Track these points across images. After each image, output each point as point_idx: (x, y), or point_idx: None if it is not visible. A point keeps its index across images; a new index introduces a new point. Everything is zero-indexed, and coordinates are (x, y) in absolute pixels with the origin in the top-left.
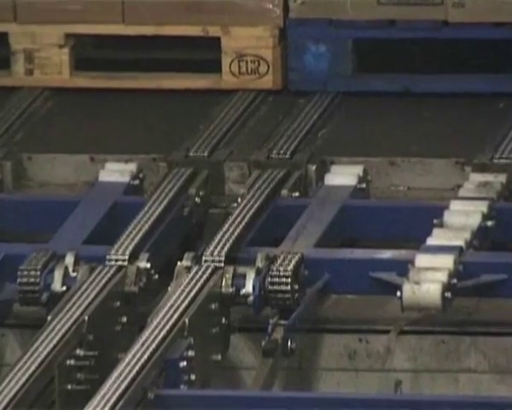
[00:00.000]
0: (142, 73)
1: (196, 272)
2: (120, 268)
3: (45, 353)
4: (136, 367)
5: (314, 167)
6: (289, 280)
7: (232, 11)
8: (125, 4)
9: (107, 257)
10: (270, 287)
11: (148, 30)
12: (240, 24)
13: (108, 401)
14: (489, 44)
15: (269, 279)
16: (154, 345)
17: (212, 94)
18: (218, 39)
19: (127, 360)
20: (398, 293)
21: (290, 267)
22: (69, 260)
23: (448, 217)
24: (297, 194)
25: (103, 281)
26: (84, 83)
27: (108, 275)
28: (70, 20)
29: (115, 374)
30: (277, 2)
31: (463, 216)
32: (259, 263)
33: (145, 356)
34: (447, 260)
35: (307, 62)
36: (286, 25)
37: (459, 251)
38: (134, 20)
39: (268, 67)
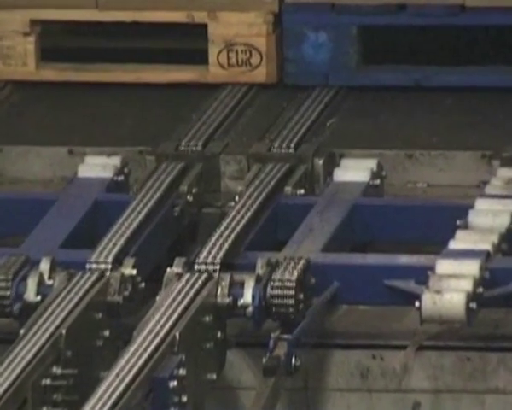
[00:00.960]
0: (119, 64)
1: (188, 280)
2: (102, 275)
3: (17, 371)
4: (121, 387)
5: (321, 161)
6: (293, 289)
7: None
8: None
9: (88, 263)
10: (272, 297)
11: (125, 16)
12: (229, 9)
13: None
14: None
15: (270, 288)
16: (140, 362)
17: (197, 89)
18: (204, 26)
19: (110, 378)
20: (417, 303)
21: (294, 274)
22: (44, 266)
23: (473, 217)
24: (302, 191)
25: (83, 289)
26: (52, 76)
27: (89, 283)
28: (36, 5)
29: (97, 395)
30: None
31: (490, 216)
32: (260, 270)
33: (130, 375)
34: (472, 267)
35: (306, 53)
36: (281, 10)
37: (486, 256)
38: (109, 5)
39: (261, 57)
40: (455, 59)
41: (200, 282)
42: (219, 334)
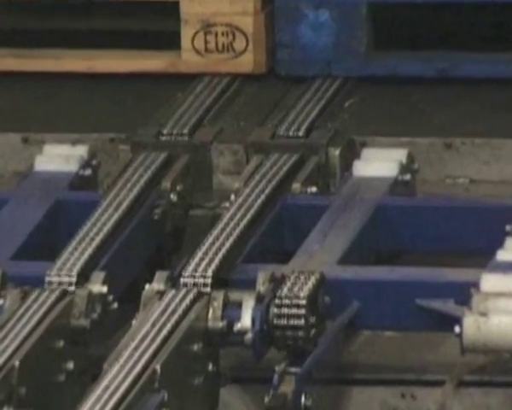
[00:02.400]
0: (68, 50)
1: (172, 299)
2: (65, 293)
3: None
4: None
5: (338, 151)
6: (303, 310)
7: None
8: None
9: (47, 278)
10: (277, 320)
11: None
12: None
13: None
14: None
15: (274, 309)
16: (112, 402)
17: (166, 81)
18: (175, 3)
19: None
20: (457, 328)
21: (305, 292)
22: None
23: None
24: (314, 189)
25: (41, 311)
26: None
27: (48, 303)
28: None
29: None
30: None
31: None
32: (261, 286)
33: None
34: None
35: (303, 36)
36: None
37: None
38: None
39: (247, 42)
40: (488, 44)
41: (186, 301)
42: (211, 366)
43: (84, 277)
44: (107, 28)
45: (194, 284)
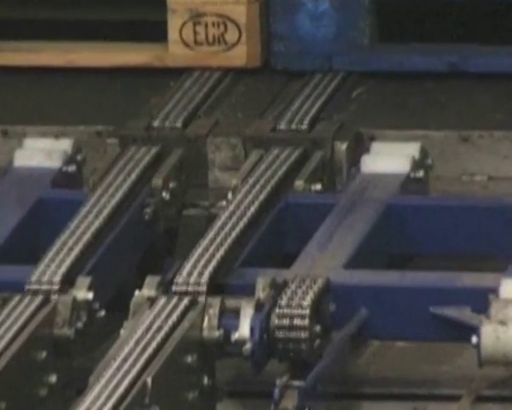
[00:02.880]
0: (46, 42)
1: (164, 307)
2: (47, 300)
3: None
4: None
5: (345, 146)
6: (307, 318)
7: None
8: None
9: (28, 283)
10: (278, 330)
11: None
12: None
13: None
14: None
15: (275, 317)
16: None
17: (151, 75)
18: None
19: None
20: (474, 339)
21: (308, 299)
22: None
23: None
24: (318, 186)
25: (21, 320)
26: None
27: (29, 310)
28: None
29: None
30: None
31: None
32: (261, 293)
33: None
34: None
35: (301, 27)
36: None
37: None
38: None
39: (239, 33)
40: (505, 36)
41: (179, 309)
42: (206, 380)
43: (68, 282)
44: (88, 19)
45: (188, 290)
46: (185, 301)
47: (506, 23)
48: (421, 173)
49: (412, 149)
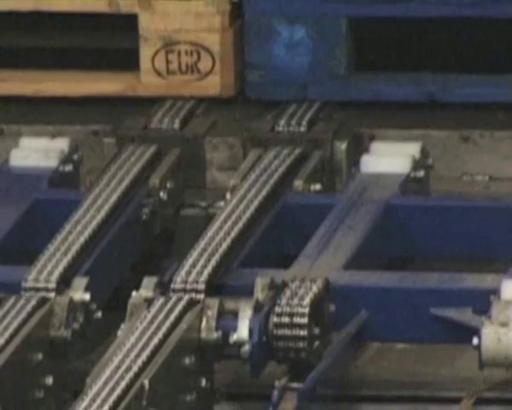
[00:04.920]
0: (12, 71)
1: (161, 308)
2: (44, 301)
3: None
4: None
5: (344, 145)
6: (306, 321)
7: None
8: None
9: (24, 284)
10: (277, 331)
11: (21, 3)
12: None
13: None
14: None
15: (274, 319)
16: None
17: (123, 104)
18: (133, 18)
19: None
20: (475, 340)
21: (307, 301)
22: None
23: None
24: (318, 187)
25: (17, 321)
26: None
27: (25, 312)
28: None
29: None
30: None
31: None
32: (259, 294)
33: None
34: None
35: (276, 55)
36: None
37: None
38: None
39: (213, 61)
40: (484, 65)
41: (177, 310)
42: (204, 382)
43: (64, 283)
44: (58, 46)
45: (186, 291)
46: (183, 302)
47: (485, 53)
48: (421, 173)
49: (412, 149)
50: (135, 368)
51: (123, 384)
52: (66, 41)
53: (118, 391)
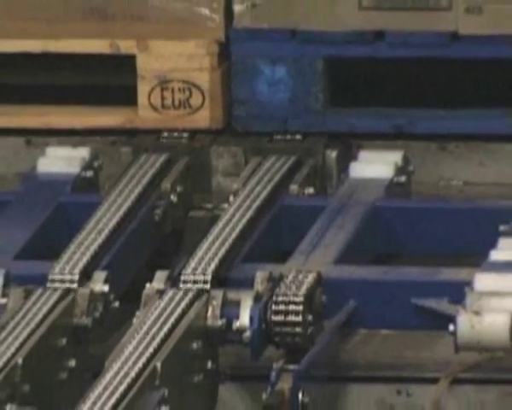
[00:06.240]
0: (23, 106)
1: (172, 298)
2: (67, 292)
3: None
4: None
5: (335, 153)
6: (301, 309)
7: (152, 18)
8: None
9: (50, 277)
10: (275, 318)
11: (32, 45)
12: (163, 37)
13: None
14: None
15: (272, 308)
16: (113, 399)
17: (122, 135)
18: (131, 58)
19: None
20: (451, 327)
21: (302, 291)
22: None
23: None
24: (311, 190)
25: (43, 310)
26: None
27: (50, 302)
28: None
29: None
30: (216, 6)
31: None
32: (259, 285)
33: None
34: None
35: (259, 92)
36: (229, 37)
37: None
38: (14, 32)
39: (203, 98)
40: (446, 100)
41: (186, 301)
42: (210, 364)
43: (85, 276)
44: (63, 83)
45: (194, 283)
46: (191, 293)
47: (446, 90)
48: (403, 179)
49: (395, 157)
50: (148, 352)
51: (138, 366)
52: (71, 79)
53: (133, 372)
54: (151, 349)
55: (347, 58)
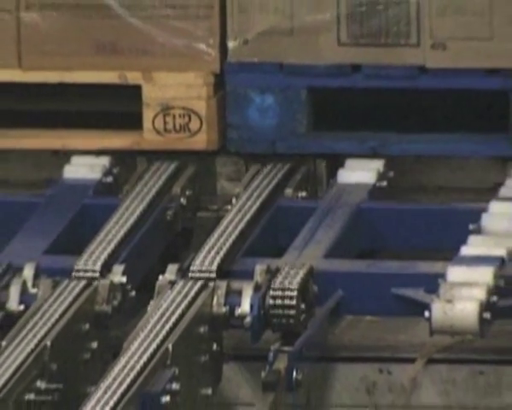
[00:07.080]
0: (43, 129)
1: (182, 288)
2: (90, 283)
3: None
4: (110, 404)
5: (324, 162)
6: (295, 298)
7: (156, 52)
8: (21, 44)
9: (74, 269)
10: (272, 306)
11: (51, 76)
12: (165, 69)
13: None
14: (477, 96)
15: (270, 297)
16: (130, 376)
17: (129, 155)
18: (138, 88)
19: (98, 394)
20: (427, 313)
21: (296, 282)
22: (28, 273)
23: (487, 221)
24: (304, 194)
25: (69, 298)
26: None
27: (75, 291)
28: None
29: None
30: (213, 42)
31: (505, 220)
32: (258, 277)
33: (120, 390)
34: (486, 274)
35: (250, 117)
36: (223, 70)
37: (500, 263)
38: (34, 65)
39: (201, 123)
40: (415, 125)
41: (194, 290)
42: (215, 346)
43: (106, 269)
44: (79, 110)
45: (201, 276)
46: (199, 284)
47: (421, 113)
48: (384, 183)
49: (378, 165)
50: (161, 336)
51: (152, 348)
52: (84, 106)
53: (148, 353)
54: (163, 333)
55: (328, 88)
